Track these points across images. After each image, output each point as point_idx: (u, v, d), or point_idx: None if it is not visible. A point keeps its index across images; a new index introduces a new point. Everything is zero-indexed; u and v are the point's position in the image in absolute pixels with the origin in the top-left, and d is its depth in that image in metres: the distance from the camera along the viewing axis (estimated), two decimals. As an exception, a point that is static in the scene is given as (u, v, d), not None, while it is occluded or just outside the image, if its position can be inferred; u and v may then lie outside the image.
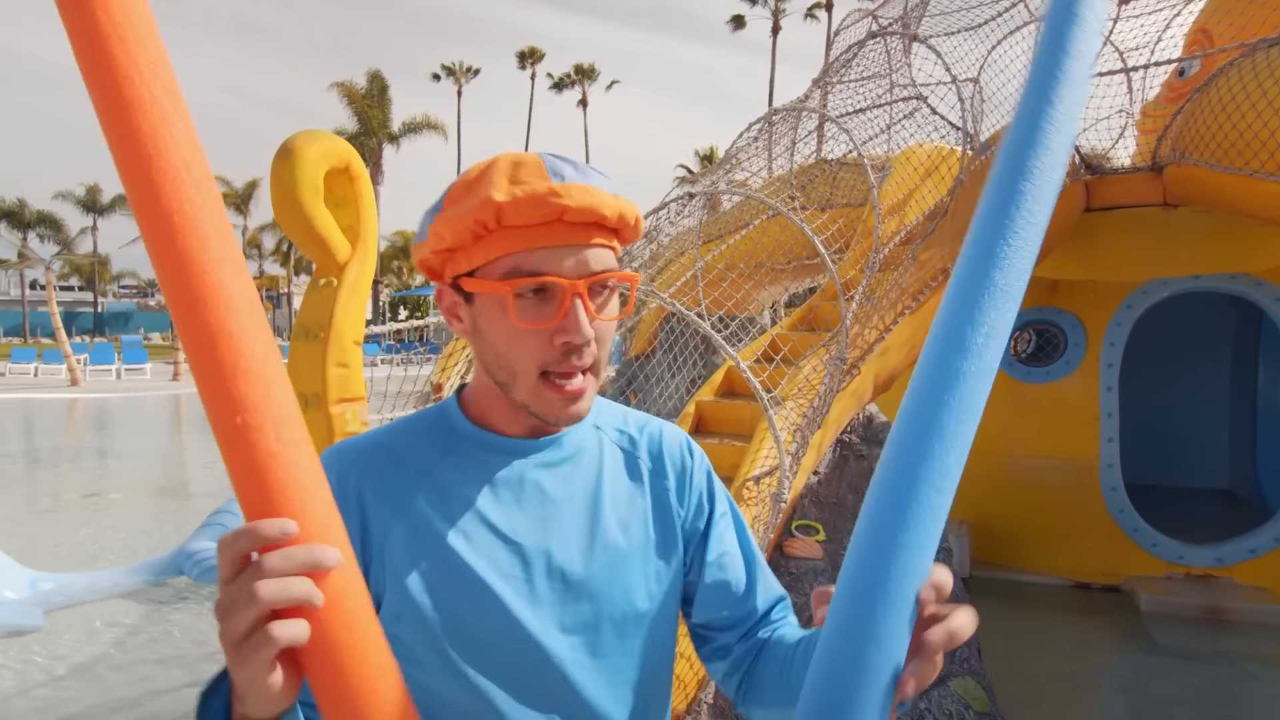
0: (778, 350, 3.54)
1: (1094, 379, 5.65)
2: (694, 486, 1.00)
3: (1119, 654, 4.88)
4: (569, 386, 0.84)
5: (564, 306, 0.81)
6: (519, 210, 0.79)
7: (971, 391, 0.65)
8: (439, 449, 0.91)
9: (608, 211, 0.82)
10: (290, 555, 0.58)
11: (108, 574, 5.53)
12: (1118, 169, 5.37)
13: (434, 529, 0.86)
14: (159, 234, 0.58)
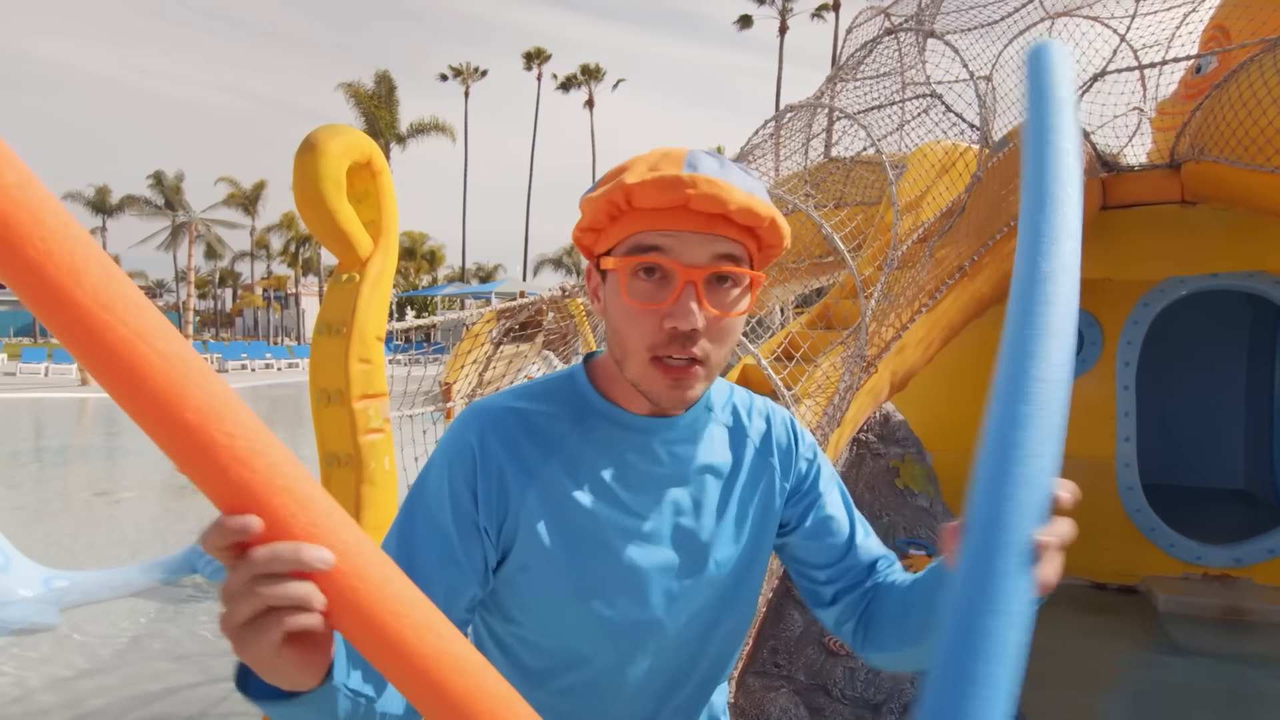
0: (794, 348, 3.52)
1: (1110, 378, 5.61)
2: (797, 462, 1.06)
3: (1138, 654, 4.84)
4: (676, 372, 0.87)
5: (677, 291, 0.84)
6: (646, 193, 0.83)
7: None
8: (570, 418, 0.96)
9: (733, 205, 0.83)
10: (277, 553, 0.56)
11: (121, 572, 5.54)
12: (1134, 166, 5.34)
13: (564, 493, 0.92)
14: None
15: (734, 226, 0.86)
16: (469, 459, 0.91)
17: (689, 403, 0.90)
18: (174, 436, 0.54)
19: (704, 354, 0.87)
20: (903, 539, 3.69)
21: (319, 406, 2.10)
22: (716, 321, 0.86)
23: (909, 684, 3.09)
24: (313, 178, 2.00)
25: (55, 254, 0.50)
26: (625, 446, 0.95)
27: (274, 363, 31.37)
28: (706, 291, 0.85)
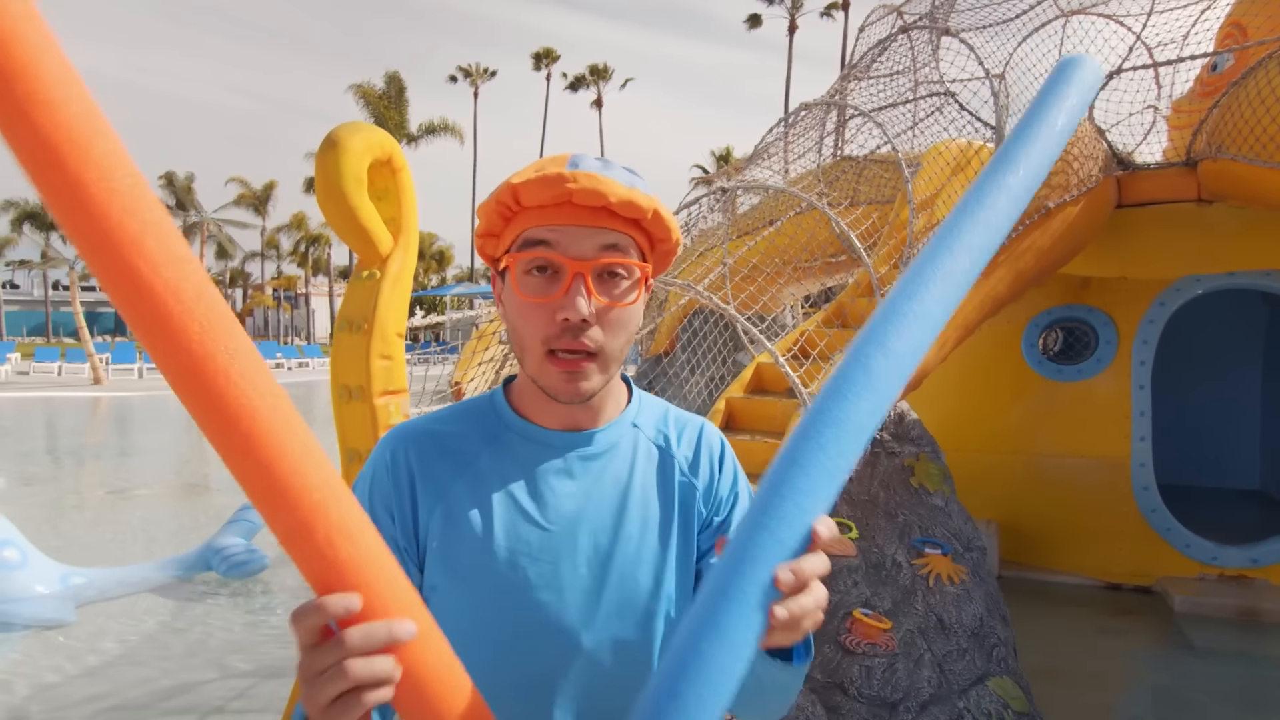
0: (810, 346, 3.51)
1: (1126, 377, 5.58)
2: (720, 487, 1.04)
3: (1154, 655, 4.82)
4: (568, 364, 0.88)
5: (566, 284, 0.86)
6: (531, 190, 0.86)
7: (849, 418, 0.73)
8: (483, 437, 0.97)
9: (614, 198, 0.85)
10: (371, 633, 0.62)
11: (137, 569, 5.58)
12: (1150, 164, 5.30)
13: (470, 514, 0.92)
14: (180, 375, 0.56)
15: (618, 219, 0.88)
16: (385, 479, 0.94)
17: (584, 395, 0.91)
18: (279, 511, 0.58)
19: (596, 345, 0.88)
20: (918, 538, 3.68)
21: (340, 403, 2.10)
22: (606, 311, 0.88)
23: (925, 683, 3.08)
24: (334, 175, 2.01)
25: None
26: (538, 463, 0.95)
27: (284, 362, 31.51)
28: (596, 283, 0.87)
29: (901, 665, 3.11)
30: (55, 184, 0.51)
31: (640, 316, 0.94)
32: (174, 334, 0.54)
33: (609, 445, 0.98)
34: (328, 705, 0.62)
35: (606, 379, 0.93)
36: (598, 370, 0.90)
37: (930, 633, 3.28)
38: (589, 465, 0.96)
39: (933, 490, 3.96)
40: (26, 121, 0.50)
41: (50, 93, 0.50)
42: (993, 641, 3.33)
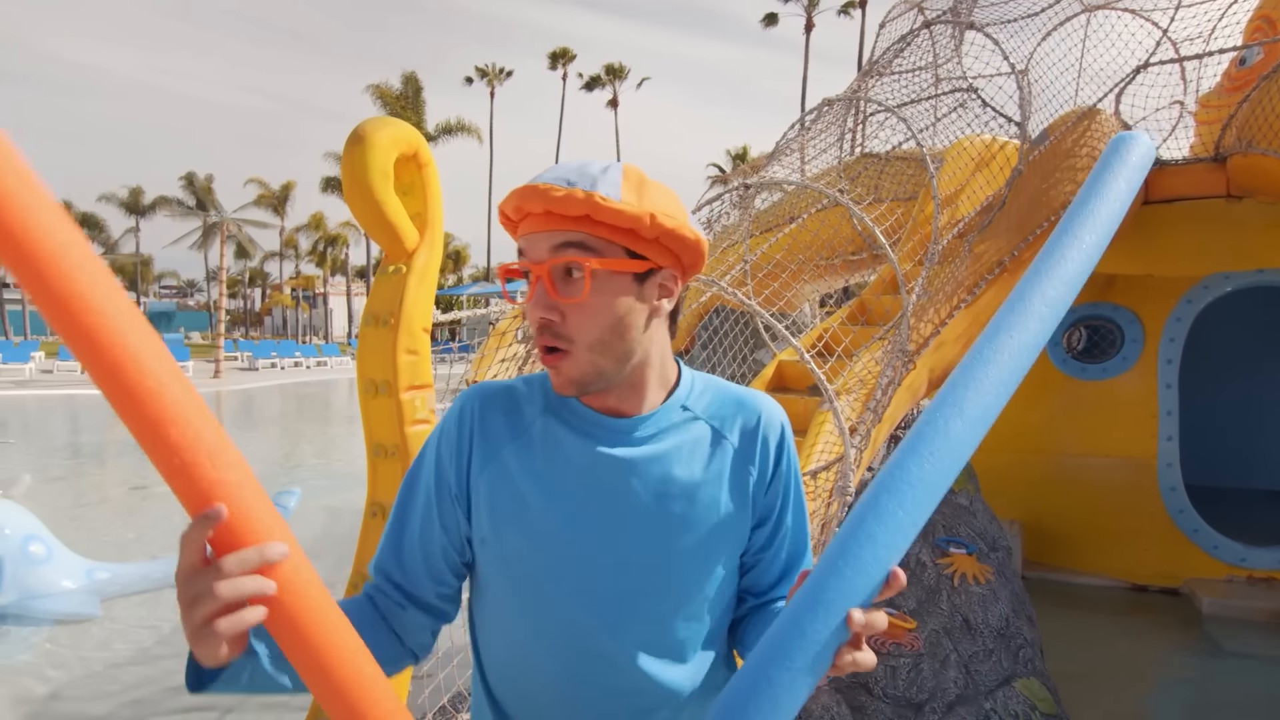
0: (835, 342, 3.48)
1: (1152, 376, 5.50)
2: (778, 473, 1.06)
3: (1181, 657, 4.74)
4: (548, 359, 0.95)
5: (532, 288, 0.94)
6: (506, 203, 0.95)
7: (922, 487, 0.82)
8: (541, 406, 1.02)
9: (554, 195, 0.90)
10: (243, 558, 0.67)
11: (160, 564, 5.62)
12: (1178, 160, 5.23)
13: (515, 478, 0.98)
14: (64, 327, 0.61)
15: (567, 220, 0.92)
16: (451, 431, 1.02)
17: (566, 387, 0.95)
18: (155, 444, 0.63)
19: (565, 341, 0.93)
20: (942, 537, 3.64)
21: (367, 397, 2.10)
22: (571, 307, 0.93)
23: (952, 684, 3.05)
24: (361, 169, 2.01)
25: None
26: (582, 440, 0.99)
27: (303, 361, 31.75)
28: (557, 282, 0.93)
29: (927, 665, 3.08)
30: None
31: (611, 311, 0.95)
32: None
33: (654, 430, 1.00)
34: (200, 626, 0.67)
35: (595, 370, 0.95)
36: (572, 364, 0.94)
37: (956, 633, 3.24)
38: (633, 449, 0.99)
39: (957, 489, 3.92)
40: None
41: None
42: (1019, 642, 3.29)
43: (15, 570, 4.97)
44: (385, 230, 2.08)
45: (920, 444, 0.82)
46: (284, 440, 13.39)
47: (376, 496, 2.13)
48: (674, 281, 0.99)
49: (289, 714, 3.76)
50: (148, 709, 3.87)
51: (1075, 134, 4.67)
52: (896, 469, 0.82)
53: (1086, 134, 4.69)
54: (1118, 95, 5.35)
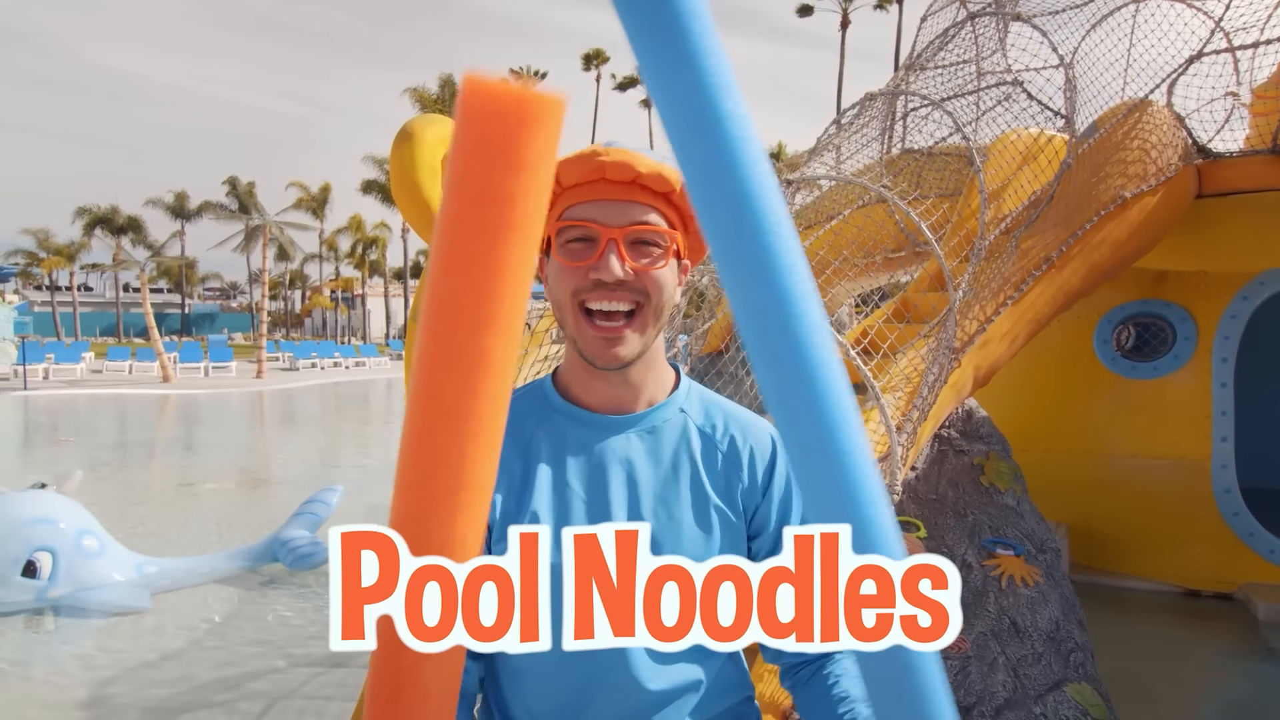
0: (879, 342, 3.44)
1: (1206, 375, 5.34)
2: (769, 493, 1.06)
3: (1236, 664, 4.61)
4: (607, 329, 0.95)
5: (600, 248, 0.94)
6: (569, 170, 0.95)
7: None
8: (534, 419, 1.05)
9: (643, 169, 0.92)
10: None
11: (207, 559, 5.74)
12: (1232, 152, 5.08)
13: (520, 488, 1.01)
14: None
15: (648, 193, 0.95)
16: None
17: (620, 359, 0.96)
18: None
19: (633, 306, 0.95)
20: (989, 538, 3.57)
21: (414, 392, 2.12)
22: (640, 275, 0.95)
23: (1000, 687, 2.99)
24: (409, 166, 2.02)
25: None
26: (584, 442, 1.02)
27: (342, 361, 32.26)
28: (628, 250, 0.94)
29: (974, 669, 3.02)
30: None
31: (673, 288, 0.99)
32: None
33: (654, 426, 1.03)
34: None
35: (644, 345, 0.98)
36: (635, 333, 0.96)
37: (1004, 636, 3.17)
38: (633, 444, 1.02)
39: (1004, 489, 3.85)
40: None
41: None
42: (1070, 646, 3.21)
43: (69, 563, 5.12)
44: (431, 226, 2.09)
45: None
46: (324, 438, 13.60)
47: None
48: (684, 274, 1.04)
49: (335, 704, 3.82)
50: (198, 698, 3.95)
51: (1126, 126, 4.56)
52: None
53: (1138, 126, 4.58)
54: (1170, 86, 5.21)
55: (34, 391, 19.46)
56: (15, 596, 4.95)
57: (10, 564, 4.99)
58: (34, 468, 9.87)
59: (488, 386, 0.62)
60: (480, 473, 0.65)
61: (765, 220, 0.56)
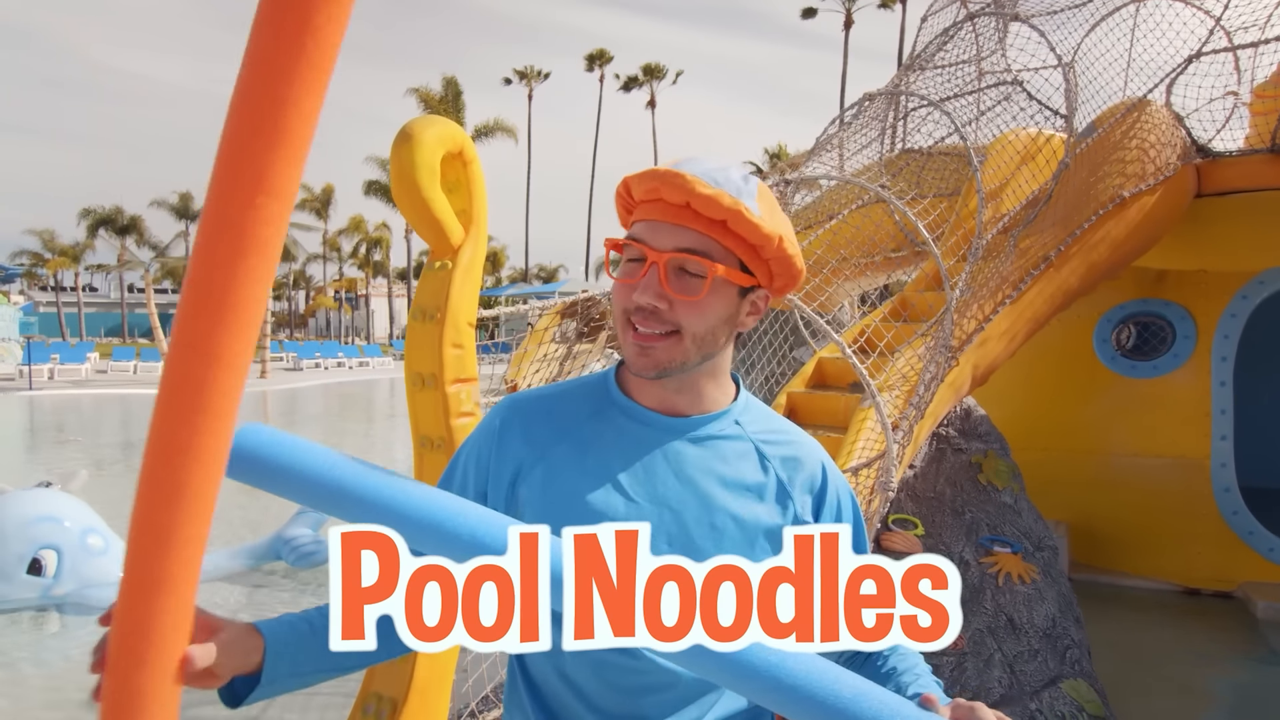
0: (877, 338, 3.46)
1: (1205, 374, 5.36)
2: (823, 505, 1.06)
3: (1234, 662, 4.62)
4: (642, 338, 0.95)
5: (644, 270, 0.94)
6: (636, 182, 0.96)
7: None
8: (590, 409, 1.05)
9: (694, 194, 0.90)
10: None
11: (210, 557, 5.76)
12: (1231, 152, 5.09)
13: (566, 474, 1.00)
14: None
15: (701, 219, 0.93)
16: (489, 443, 1.05)
17: (653, 368, 0.96)
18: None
19: (668, 327, 0.95)
20: (986, 536, 3.59)
21: (414, 390, 2.14)
22: (675, 305, 0.94)
23: (996, 683, 3.01)
24: (409, 167, 2.05)
25: None
26: (636, 438, 1.02)
27: (345, 361, 32.32)
28: (671, 275, 0.94)
29: (971, 664, 3.05)
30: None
31: (719, 319, 0.98)
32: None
33: (708, 435, 1.02)
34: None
35: (682, 361, 0.97)
36: (670, 349, 0.95)
37: (1000, 632, 3.20)
38: (684, 448, 1.01)
39: (1001, 488, 3.87)
40: None
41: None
42: (1066, 643, 3.23)
43: (74, 561, 5.15)
44: (432, 226, 2.12)
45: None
46: (328, 438, 13.64)
47: (423, 488, 2.17)
48: (764, 302, 1.02)
49: (336, 700, 3.84)
50: (201, 694, 3.96)
51: (1124, 126, 4.57)
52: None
53: (1136, 126, 4.59)
54: (1169, 86, 5.22)
55: (39, 392, 19.54)
56: (21, 594, 4.99)
57: (16, 562, 5.03)
58: (40, 467, 9.92)
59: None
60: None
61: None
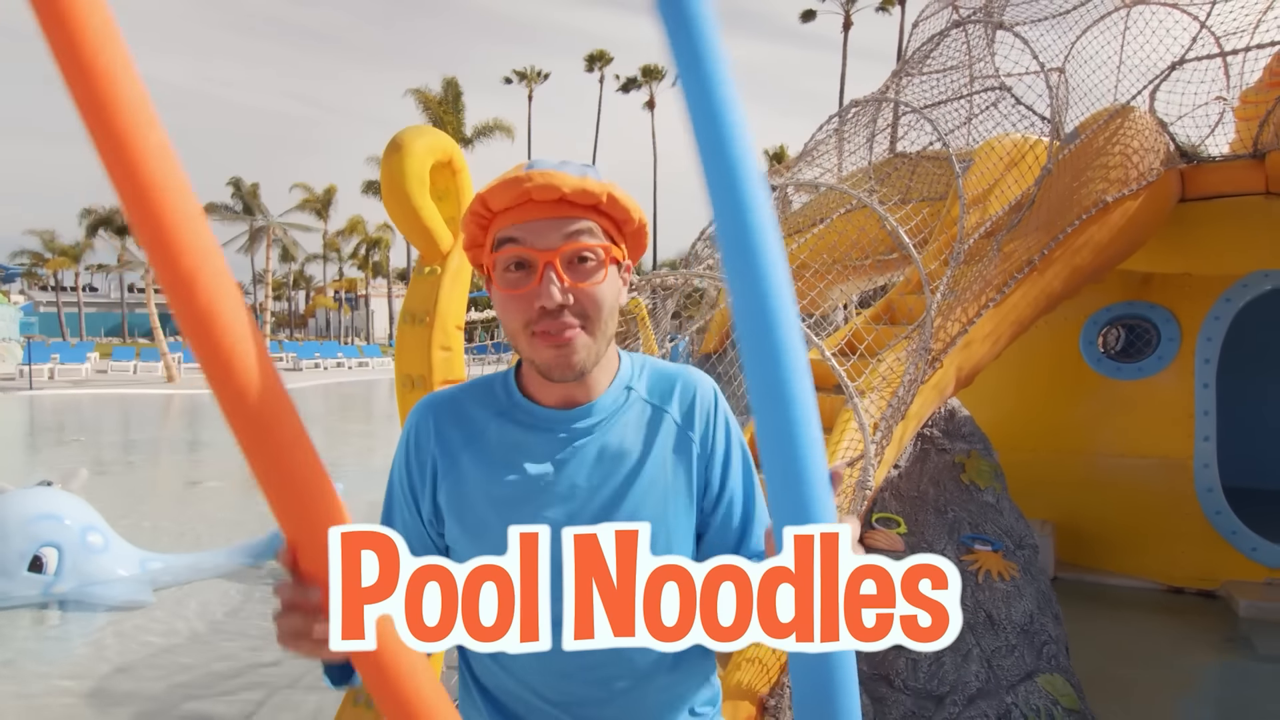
0: (856, 344, 3.54)
1: (1189, 375, 5.43)
2: (717, 438, 1.11)
3: (1216, 660, 4.69)
4: (556, 339, 0.97)
5: (539, 275, 0.96)
6: (495, 195, 0.96)
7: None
8: (494, 410, 1.08)
9: (566, 188, 0.94)
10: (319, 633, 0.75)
11: (209, 555, 5.85)
12: (1215, 157, 5.17)
13: (475, 479, 1.04)
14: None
15: (577, 208, 0.96)
16: (411, 441, 1.10)
17: (576, 369, 0.99)
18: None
19: (581, 320, 0.97)
20: (968, 534, 3.66)
21: (403, 391, 2.22)
22: (581, 293, 0.96)
23: (973, 677, 3.09)
24: (399, 176, 2.13)
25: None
26: (539, 436, 1.05)
27: (345, 361, 32.39)
28: (566, 269, 0.96)
29: (949, 659, 3.12)
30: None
31: (616, 294, 1.02)
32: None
33: (604, 414, 1.06)
34: (289, 646, 0.81)
35: (597, 353, 1.01)
36: (587, 344, 0.98)
37: (979, 628, 3.27)
38: (586, 436, 1.05)
39: (984, 487, 3.94)
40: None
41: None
42: (1043, 639, 3.31)
43: (75, 559, 5.23)
44: (421, 233, 2.20)
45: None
46: (327, 438, 13.72)
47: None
48: (628, 273, 1.06)
49: (333, 694, 3.92)
50: (199, 689, 4.06)
51: (1107, 132, 4.65)
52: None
53: (1119, 132, 4.67)
54: (1152, 92, 5.30)
55: (39, 391, 19.62)
56: (22, 591, 5.07)
57: (17, 559, 5.11)
58: (40, 467, 10.00)
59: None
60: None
61: (757, 223, 0.71)
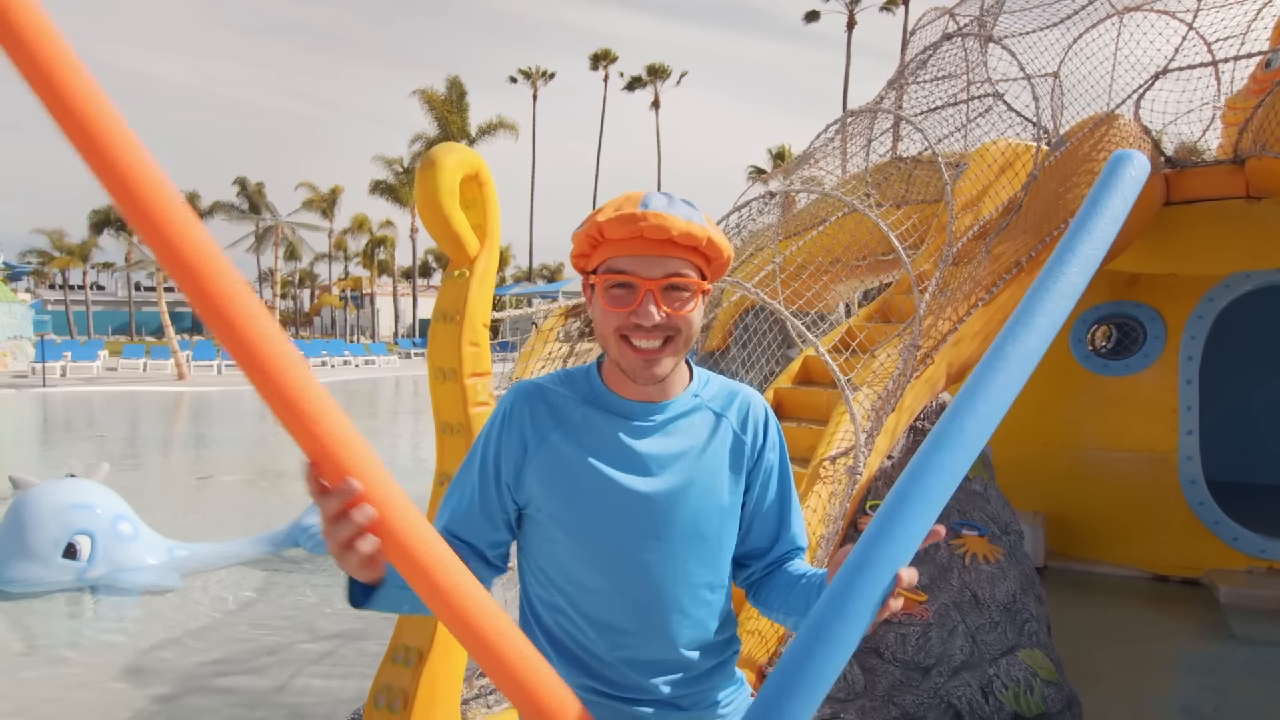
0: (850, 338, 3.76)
1: (1173, 372, 5.65)
2: (766, 446, 1.33)
3: (1196, 643, 4.91)
4: (641, 347, 1.16)
5: (639, 298, 1.15)
6: (612, 228, 1.15)
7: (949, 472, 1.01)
8: (578, 398, 1.28)
9: (675, 231, 1.13)
10: (344, 490, 0.85)
11: (233, 544, 6.10)
12: (1198, 162, 5.38)
13: (565, 455, 1.23)
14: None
15: (679, 248, 1.16)
16: (501, 423, 1.26)
17: (658, 377, 1.19)
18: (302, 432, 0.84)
19: (668, 338, 1.17)
20: (957, 520, 3.89)
21: (436, 383, 2.45)
22: (671, 318, 1.17)
23: (958, 651, 3.31)
24: (432, 189, 2.36)
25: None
26: (619, 424, 1.24)
27: (351, 359, 32.63)
28: (663, 297, 1.16)
29: (935, 634, 3.35)
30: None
31: (700, 318, 1.25)
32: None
33: (677, 414, 1.27)
34: (337, 552, 0.89)
35: (675, 364, 1.23)
36: (669, 356, 1.19)
37: (964, 606, 3.50)
38: (661, 429, 1.25)
39: (972, 476, 4.16)
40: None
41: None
42: (1025, 617, 3.53)
43: (106, 546, 5.48)
44: (451, 240, 2.43)
45: (941, 439, 1.00)
46: (336, 434, 13.90)
47: (444, 468, 2.48)
48: (707, 294, 1.28)
49: (355, 670, 4.16)
50: (229, 666, 4.30)
51: (1093, 139, 4.87)
52: (924, 459, 0.99)
53: (1104, 139, 4.88)
54: (1137, 100, 5.51)
55: (52, 389, 19.90)
56: (57, 577, 5.32)
57: (52, 546, 5.36)
58: (57, 462, 10.26)
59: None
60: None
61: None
